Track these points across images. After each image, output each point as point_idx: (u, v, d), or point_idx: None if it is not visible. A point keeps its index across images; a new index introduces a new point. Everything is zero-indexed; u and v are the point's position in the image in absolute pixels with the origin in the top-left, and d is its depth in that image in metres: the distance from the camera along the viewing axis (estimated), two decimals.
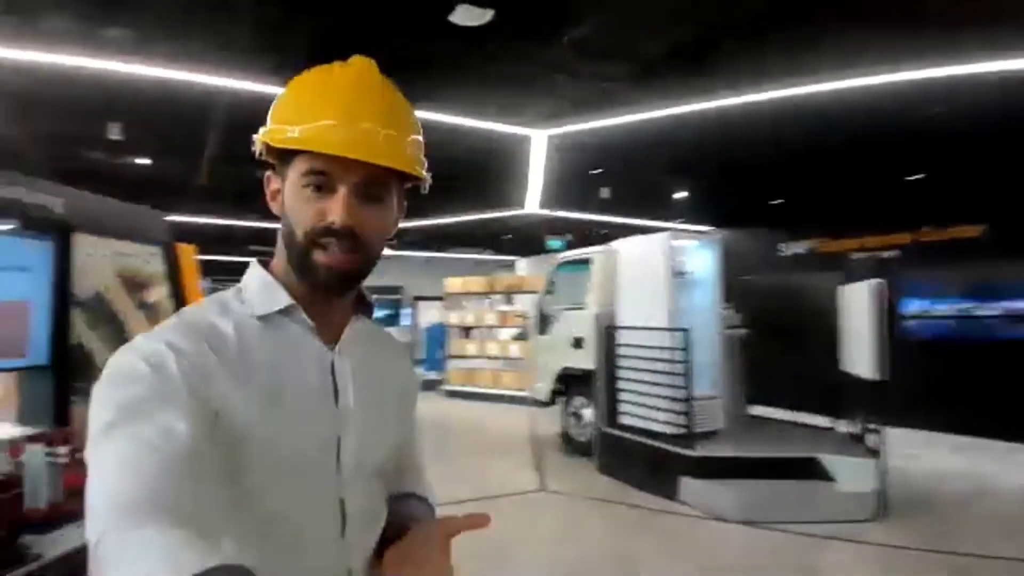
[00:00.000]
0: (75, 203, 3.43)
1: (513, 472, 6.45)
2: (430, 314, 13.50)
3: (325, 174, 0.81)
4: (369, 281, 0.90)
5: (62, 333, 3.10)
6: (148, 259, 4.05)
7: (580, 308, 7.11)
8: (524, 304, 10.16)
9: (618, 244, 6.53)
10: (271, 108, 0.86)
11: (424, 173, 0.88)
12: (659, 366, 5.67)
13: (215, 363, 0.77)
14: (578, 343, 6.98)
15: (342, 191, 0.81)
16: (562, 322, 7.40)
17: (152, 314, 3.75)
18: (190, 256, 4.37)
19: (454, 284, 11.69)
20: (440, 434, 8.74)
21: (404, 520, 0.94)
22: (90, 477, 0.67)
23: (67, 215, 3.33)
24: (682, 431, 5.43)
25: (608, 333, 6.38)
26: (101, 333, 3.46)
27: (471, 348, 11.43)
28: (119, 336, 3.54)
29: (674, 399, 5.52)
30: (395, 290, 14.86)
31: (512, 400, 10.35)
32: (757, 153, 7.38)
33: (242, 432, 0.76)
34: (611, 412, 6.30)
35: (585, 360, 6.73)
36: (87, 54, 4.60)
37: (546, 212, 10.39)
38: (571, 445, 7.18)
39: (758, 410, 6.71)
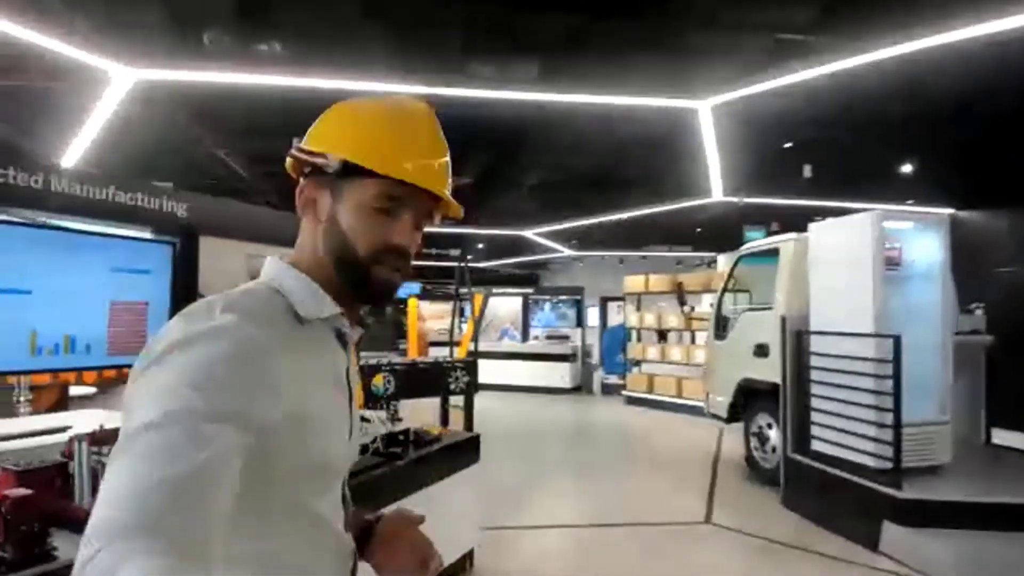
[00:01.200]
0: (199, 207, 3.66)
1: (678, 496, 5.80)
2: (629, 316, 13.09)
3: (398, 200, 0.90)
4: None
5: None
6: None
7: (765, 308, 6.17)
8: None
9: (813, 229, 5.51)
10: (334, 127, 0.94)
11: (458, 209, 0.97)
12: (861, 382, 4.64)
13: (281, 363, 0.79)
14: (762, 350, 6.06)
15: (408, 217, 0.91)
16: (743, 325, 6.51)
17: None
18: None
19: (635, 283, 11.08)
20: (608, 444, 8.31)
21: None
22: (107, 478, 0.64)
23: (191, 219, 3.56)
24: (887, 465, 4.36)
25: (798, 339, 5.43)
26: None
27: (652, 352, 10.75)
28: None
29: (879, 424, 4.45)
30: (576, 291, 14.66)
31: (696, 411, 9.49)
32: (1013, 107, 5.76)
33: (291, 431, 0.80)
34: (800, 435, 5.34)
35: (770, 371, 5.81)
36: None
37: (736, 199, 9.38)
38: (755, 471, 6.27)
39: (1004, 438, 5.21)
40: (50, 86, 5.21)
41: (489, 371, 12.58)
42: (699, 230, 13.16)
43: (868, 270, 4.80)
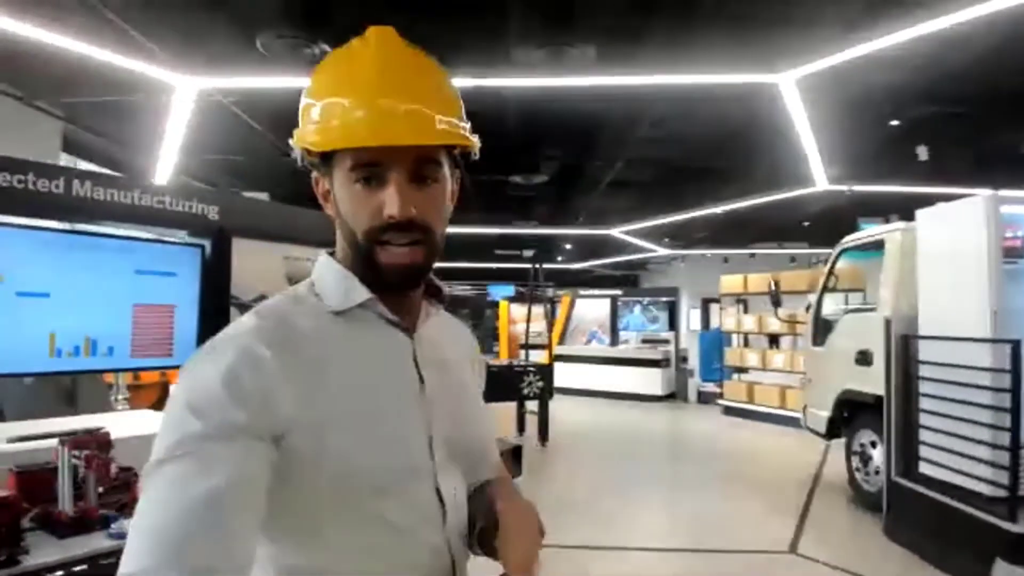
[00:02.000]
0: (232, 209, 3.72)
1: (766, 519, 5.33)
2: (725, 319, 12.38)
3: (371, 165, 0.80)
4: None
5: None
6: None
7: (868, 310, 5.54)
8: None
9: (921, 216, 4.86)
10: (301, 106, 0.85)
11: (472, 139, 0.85)
12: (974, 395, 4.01)
13: (294, 365, 0.77)
14: (864, 358, 5.44)
15: (393, 180, 0.80)
16: (844, 329, 5.89)
17: None
18: None
19: (732, 283, 10.42)
20: (695, 458, 7.82)
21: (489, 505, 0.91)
22: (137, 509, 0.68)
23: (223, 221, 3.62)
24: (1002, 493, 3.73)
25: (905, 345, 4.81)
26: None
27: (752, 359, 10.05)
28: None
29: (994, 446, 3.82)
30: (670, 291, 14.05)
31: (800, 424, 8.74)
32: None
33: (324, 436, 0.77)
34: (906, 456, 4.74)
35: (874, 382, 5.20)
36: None
37: (844, 188, 8.58)
38: (858, 494, 5.64)
39: None
40: (130, 99, 5.59)
41: (576, 376, 12.35)
42: (806, 224, 12.19)
43: (982, 263, 4.15)
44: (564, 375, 12.62)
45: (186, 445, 0.69)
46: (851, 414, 5.74)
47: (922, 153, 7.03)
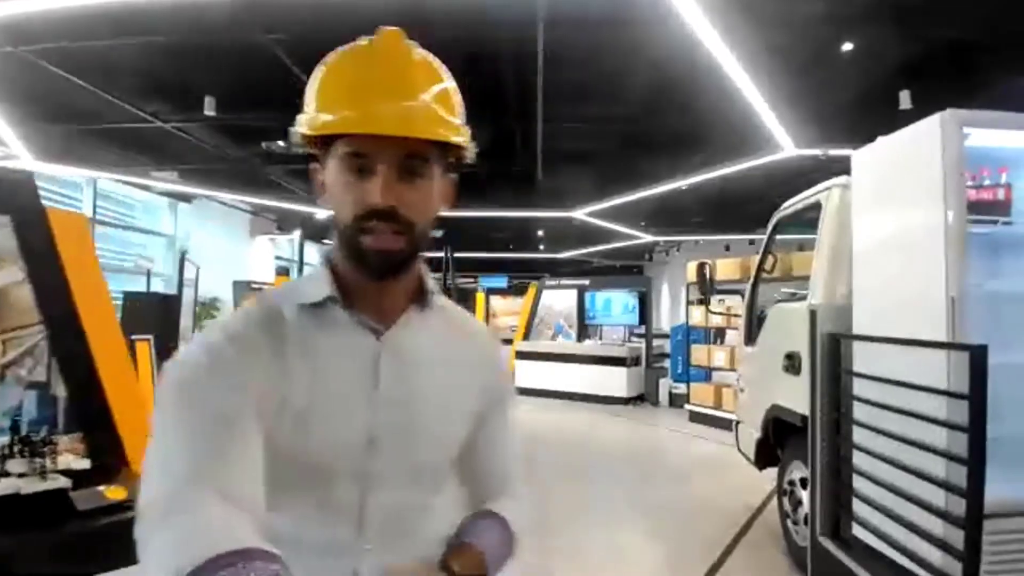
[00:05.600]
0: None
1: (666, 568, 3.81)
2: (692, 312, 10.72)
3: (362, 156, 0.82)
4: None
5: None
6: None
7: (797, 299, 3.98)
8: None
9: (856, 157, 3.27)
10: (306, 92, 0.86)
11: (467, 142, 0.87)
12: (922, 430, 2.47)
13: (274, 348, 0.83)
14: (792, 364, 3.86)
15: (381, 171, 0.82)
16: (771, 325, 4.31)
17: None
18: (77, 227, 3.29)
19: (695, 271, 8.75)
20: (634, 476, 6.27)
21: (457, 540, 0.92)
22: (149, 445, 0.75)
23: None
24: (955, 570, 2.20)
25: (833, 348, 3.25)
26: None
27: (719, 357, 8.42)
28: None
29: (942, 514, 2.28)
30: (643, 282, 12.43)
31: None
32: None
33: (281, 416, 0.81)
34: (834, 509, 3.17)
35: (802, 398, 3.62)
36: None
37: (818, 152, 6.92)
38: (790, 546, 4.08)
39: None
40: None
41: (537, 375, 10.92)
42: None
43: (936, 221, 2.56)
44: (525, 374, 11.18)
45: (190, 385, 0.78)
46: (780, 438, 4.16)
47: (904, 99, 5.34)
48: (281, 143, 7.36)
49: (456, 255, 17.70)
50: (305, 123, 0.84)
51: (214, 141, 7.94)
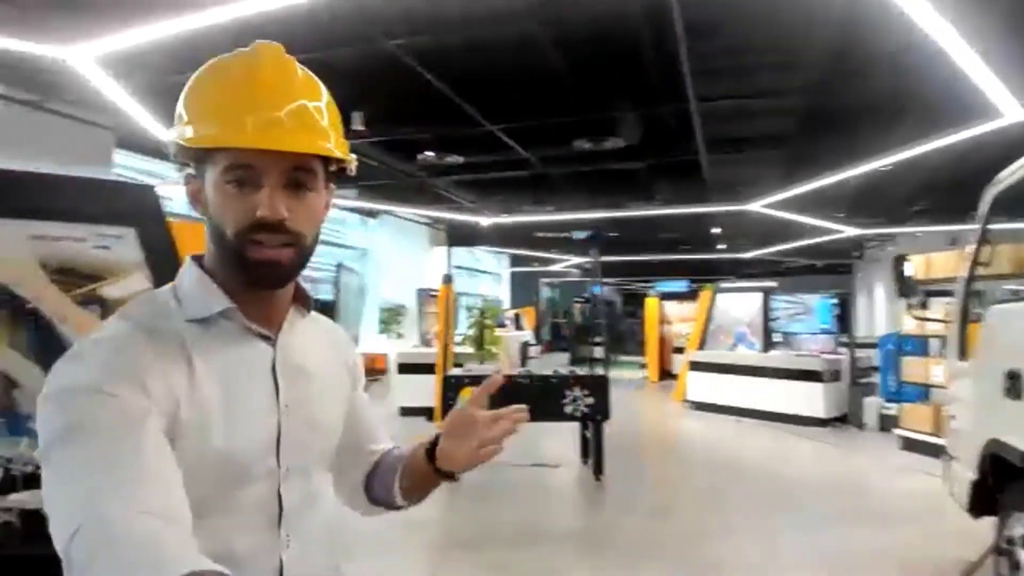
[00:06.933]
0: None
1: None
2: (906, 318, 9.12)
3: (246, 168, 0.83)
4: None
5: None
6: (103, 243, 3.30)
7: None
8: None
9: None
10: (179, 104, 0.87)
11: (350, 155, 0.90)
12: None
13: (161, 368, 0.80)
14: (1016, 385, 2.98)
15: (267, 184, 0.83)
16: (989, 333, 3.38)
17: (111, 312, 3.09)
18: (198, 237, 3.55)
19: (893, 266, 7.37)
20: (811, 509, 5.38)
21: (411, 459, 1.07)
22: (53, 481, 0.71)
23: None
24: None
25: None
26: (12, 336, 2.94)
27: (938, 372, 7.01)
28: (46, 339, 2.96)
29: None
30: (843, 283, 10.88)
31: None
32: None
33: (183, 432, 0.80)
34: None
35: None
36: None
37: None
38: None
39: None
40: None
41: (713, 389, 10.16)
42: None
43: None
44: (699, 387, 10.41)
45: (91, 408, 0.73)
46: (1000, 481, 3.22)
47: None
48: (430, 153, 7.61)
49: (627, 258, 17.25)
50: (185, 135, 0.84)
51: (378, 157, 8.45)
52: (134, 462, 0.70)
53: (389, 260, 15.16)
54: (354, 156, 0.91)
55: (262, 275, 0.86)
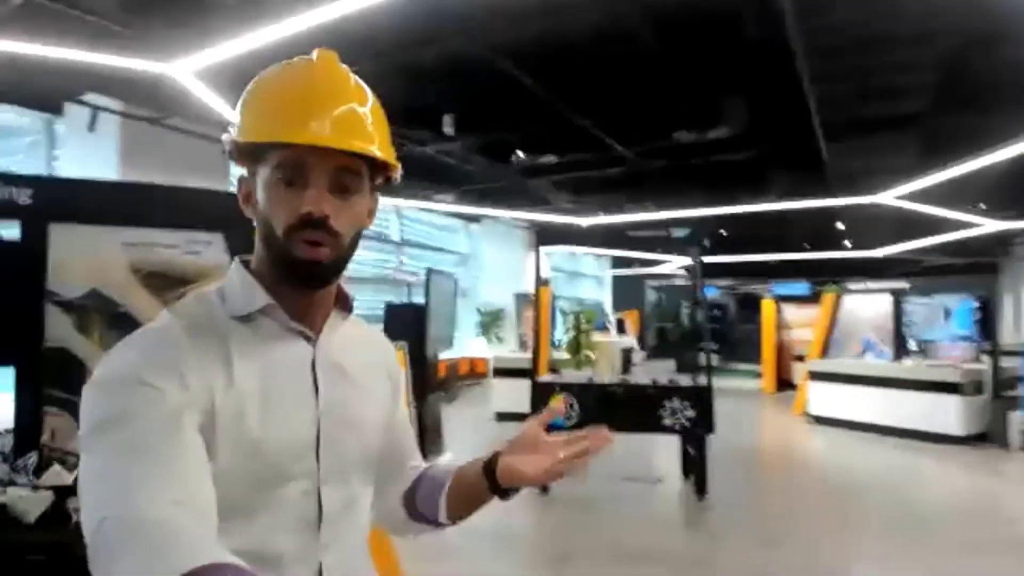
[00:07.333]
0: (47, 188, 3.17)
1: None
2: None
3: (296, 167, 0.86)
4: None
5: (32, 336, 2.92)
6: (194, 248, 3.47)
7: None
8: None
9: None
10: (238, 107, 0.91)
11: (395, 161, 0.93)
12: None
13: (199, 362, 0.83)
14: None
15: (314, 183, 0.87)
16: None
17: None
18: None
19: None
20: (943, 537, 4.71)
21: (462, 475, 1.05)
22: (88, 471, 0.74)
23: (36, 204, 3.08)
24: None
25: None
26: (103, 336, 3.16)
27: None
28: None
29: None
30: (986, 284, 9.63)
31: None
32: None
33: (220, 427, 0.82)
34: None
35: None
36: None
37: None
38: None
39: None
40: None
41: (836, 401, 9.39)
42: None
43: None
44: (821, 399, 9.59)
45: (130, 400, 0.76)
46: None
47: None
48: (521, 153, 7.48)
49: (740, 258, 16.30)
50: (240, 132, 0.88)
51: (472, 160, 8.44)
52: (166, 455, 0.73)
53: (490, 264, 15.25)
54: (399, 165, 0.93)
55: (305, 273, 0.89)
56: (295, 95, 0.86)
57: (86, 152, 6.74)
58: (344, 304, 1.00)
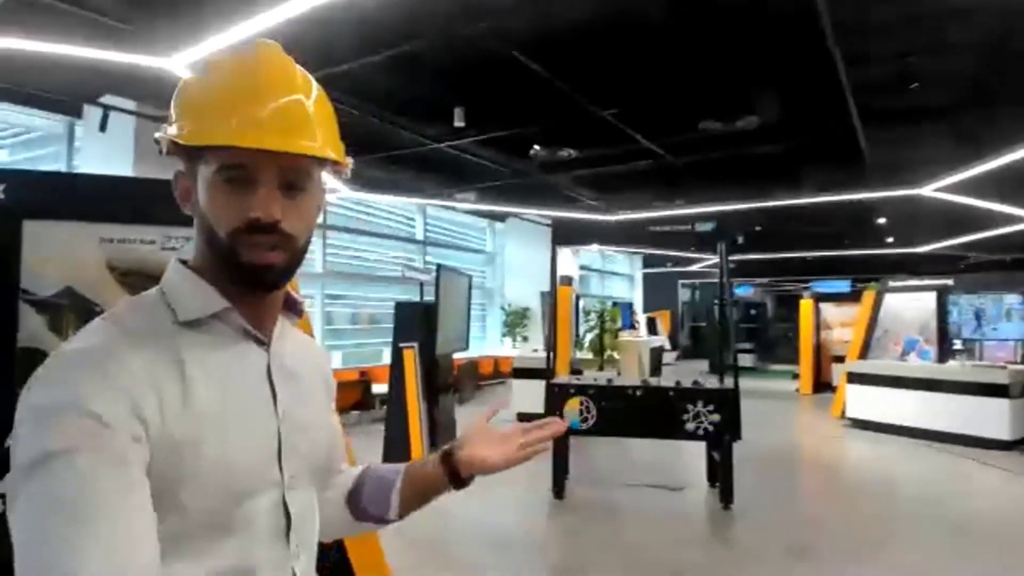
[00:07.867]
0: (20, 183, 3.06)
1: None
2: None
3: (241, 167, 0.81)
4: None
5: (4, 336, 2.84)
6: (170, 244, 3.35)
7: None
8: None
9: None
10: (173, 102, 0.86)
11: (345, 157, 0.90)
12: None
13: (151, 378, 0.77)
14: None
15: (262, 184, 0.82)
16: None
17: None
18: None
19: None
20: (988, 553, 4.34)
21: (415, 471, 1.08)
22: (21, 523, 0.67)
23: (9, 200, 2.99)
24: None
25: None
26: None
27: None
28: None
29: None
30: None
31: None
32: None
33: (179, 447, 0.77)
34: None
35: None
36: None
37: None
38: None
39: None
40: None
41: (876, 404, 8.96)
42: None
43: None
44: (860, 402, 9.14)
45: (55, 453, 0.68)
46: None
47: None
48: (539, 148, 7.25)
49: (777, 255, 15.79)
50: (179, 132, 0.82)
51: (488, 156, 8.25)
52: (108, 512, 0.67)
53: (514, 263, 15.07)
54: (350, 160, 0.90)
55: (255, 278, 0.84)
56: (238, 93, 0.81)
57: (103, 153, 6.79)
58: (293, 307, 0.97)
